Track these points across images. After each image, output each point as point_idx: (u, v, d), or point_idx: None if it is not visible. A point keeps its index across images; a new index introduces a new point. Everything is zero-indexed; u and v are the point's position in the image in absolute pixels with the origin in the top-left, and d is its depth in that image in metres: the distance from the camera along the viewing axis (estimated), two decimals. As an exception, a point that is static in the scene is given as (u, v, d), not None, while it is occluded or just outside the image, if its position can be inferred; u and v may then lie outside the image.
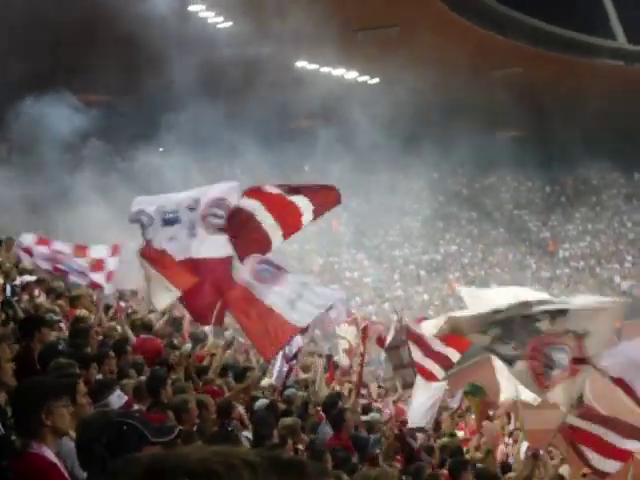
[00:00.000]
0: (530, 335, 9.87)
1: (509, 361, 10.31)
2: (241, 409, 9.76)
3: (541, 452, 10.13)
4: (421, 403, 12.62)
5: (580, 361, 9.86)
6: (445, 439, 12.55)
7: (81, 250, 13.57)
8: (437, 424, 14.04)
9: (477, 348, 11.65)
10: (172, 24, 30.54)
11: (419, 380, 12.52)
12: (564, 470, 12.97)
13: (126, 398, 7.76)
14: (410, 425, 12.31)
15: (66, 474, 4.44)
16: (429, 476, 7.94)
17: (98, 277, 12.90)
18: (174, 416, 7.19)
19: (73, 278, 13.42)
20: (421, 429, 12.58)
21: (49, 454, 4.40)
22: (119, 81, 33.64)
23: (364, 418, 12.03)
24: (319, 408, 11.60)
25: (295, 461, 1.19)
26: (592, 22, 40.39)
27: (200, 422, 7.60)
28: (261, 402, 10.33)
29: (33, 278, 14.09)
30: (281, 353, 13.34)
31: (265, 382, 12.64)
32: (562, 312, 9.64)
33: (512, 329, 9.90)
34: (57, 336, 9.51)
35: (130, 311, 15.73)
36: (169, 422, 6.44)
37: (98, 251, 13.41)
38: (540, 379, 9.99)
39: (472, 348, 11.86)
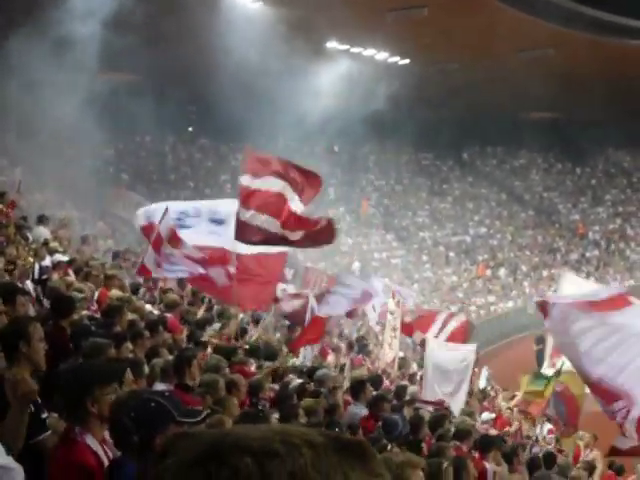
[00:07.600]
0: None
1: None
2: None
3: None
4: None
5: None
6: (460, 419, 12.11)
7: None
8: None
9: None
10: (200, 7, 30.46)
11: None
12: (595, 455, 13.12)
13: None
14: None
15: (106, 460, 4.39)
16: (455, 459, 7.83)
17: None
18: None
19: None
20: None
21: (91, 442, 4.39)
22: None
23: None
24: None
25: (356, 442, 1.12)
26: (625, 3, 39.79)
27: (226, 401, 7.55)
28: (293, 383, 10.43)
29: (65, 258, 14.11)
30: None
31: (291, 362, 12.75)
32: None
33: None
34: (83, 315, 9.54)
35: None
36: (204, 405, 6.48)
37: None
38: None
39: None
